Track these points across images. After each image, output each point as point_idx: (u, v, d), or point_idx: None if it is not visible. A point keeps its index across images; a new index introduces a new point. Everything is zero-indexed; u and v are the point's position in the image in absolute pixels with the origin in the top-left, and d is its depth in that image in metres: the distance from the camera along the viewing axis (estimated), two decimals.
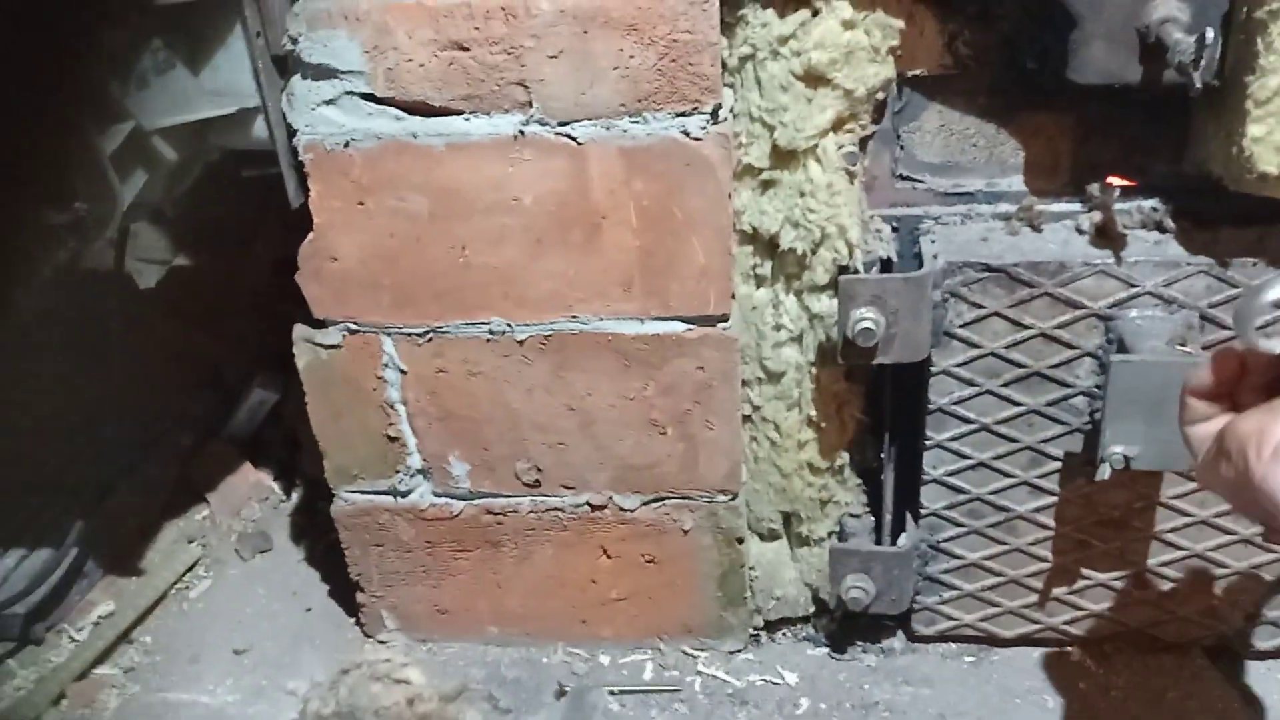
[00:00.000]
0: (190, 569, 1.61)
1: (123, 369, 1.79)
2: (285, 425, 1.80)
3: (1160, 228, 1.13)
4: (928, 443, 1.23)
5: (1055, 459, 1.21)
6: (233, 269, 2.02)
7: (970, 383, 1.18)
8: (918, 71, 1.13)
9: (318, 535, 1.64)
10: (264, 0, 1.04)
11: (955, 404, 1.20)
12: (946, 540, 1.29)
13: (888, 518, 1.32)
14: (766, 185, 1.15)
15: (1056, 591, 1.29)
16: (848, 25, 1.06)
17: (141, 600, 1.53)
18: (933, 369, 1.18)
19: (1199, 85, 0.92)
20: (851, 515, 1.35)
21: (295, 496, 1.74)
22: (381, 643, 1.43)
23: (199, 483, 1.74)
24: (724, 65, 1.09)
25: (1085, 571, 1.27)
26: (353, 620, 1.48)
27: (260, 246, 2.02)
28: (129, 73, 0.98)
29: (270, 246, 2.01)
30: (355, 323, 1.21)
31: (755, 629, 1.40)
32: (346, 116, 1.09)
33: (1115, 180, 1.13)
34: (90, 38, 0.92)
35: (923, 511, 1.27)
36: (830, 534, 1.36)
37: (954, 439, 1.22)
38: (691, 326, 1.17)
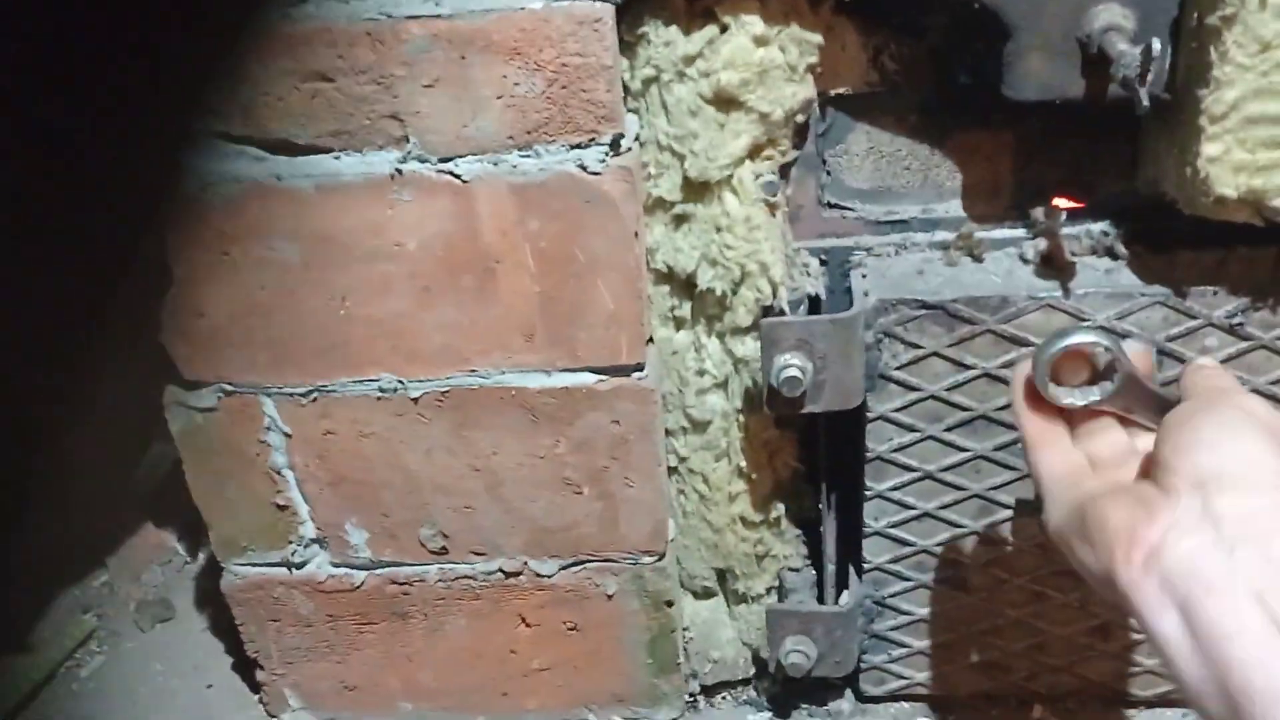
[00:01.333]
0: (82, 643, 1.48)
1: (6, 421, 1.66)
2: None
3: (1111, 254, 1.03)
4: (868, 493, 1.12)
5: (1006, 506, 1.11)
6: (126, 320, 1.89)
7: (910, 428, 1.08)
8: (841, 90, 1.03)
9: (223, 601, 1.51)
10: None
11: (895, 451, 1.09)
12: (893, 595, 1.18)
13: (831, 570, 1.21)
14: (680, 220, 1.04)
15: (1014, 646, 1.19)
16: (760, 42, 0.95)
17: (25, 682, 1.40)
18: (869, 415, 1.07)
19: (1145, 102, 0.82)
20: (791, 569, 1.24)
21: (201, 558, 1.61)
22: None
23: (97, 547, 1.61)
24: (626, 89, 0.98)
25: (1043, 625, 1.17)
26: (256, 698, 1.35)
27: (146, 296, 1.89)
28: None
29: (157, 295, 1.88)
30: (230, 383, 1.09)
31: (691, 695, 1.29)
32: (202, 158, 0.97)
33: (1061, 202, 1.03)
34: None
35: (866, 566, 1.17)
36: (769, 589, 1.25)
37: (895, 488, 1.11)
38: (603, 377, 1.06)
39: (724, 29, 0.95)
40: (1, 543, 1.50)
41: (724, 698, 1.31)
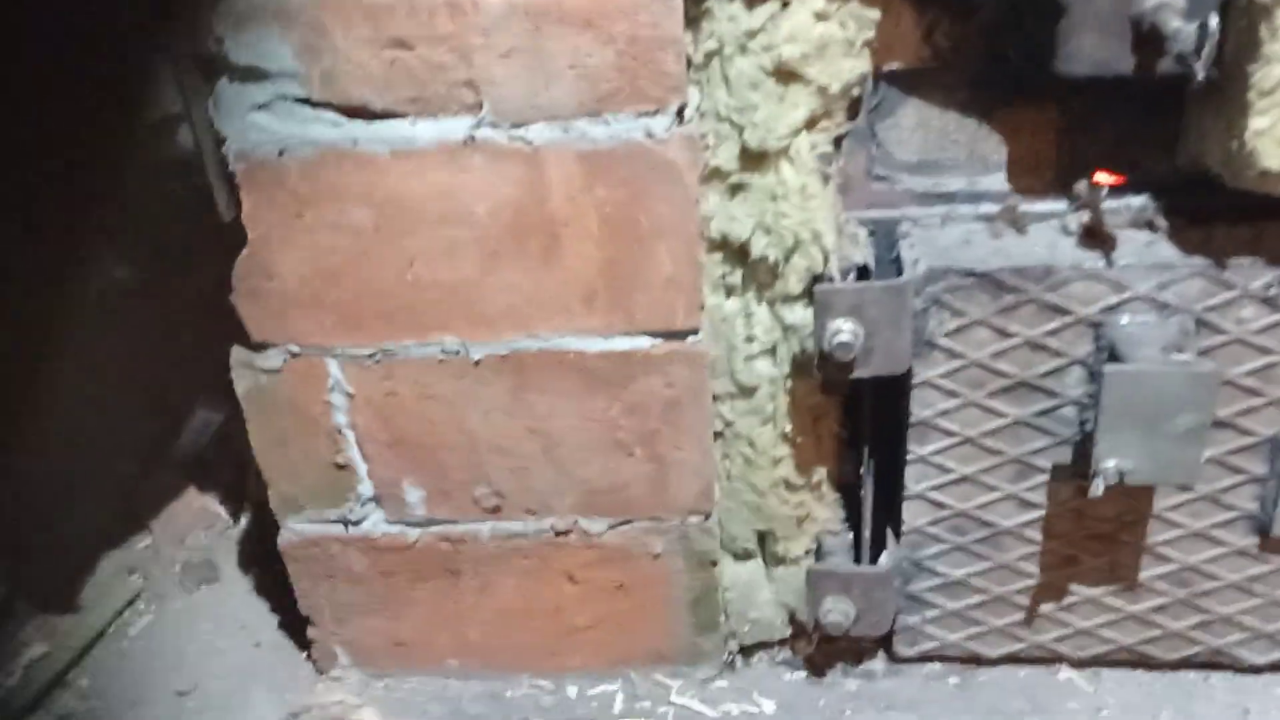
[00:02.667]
0: (130, 604, 1.51)
1: (54, 389, 1.69)
2: (233, 447, 1.70)
3: (1151, 227, 1.07)
4: (909, 457, 1.16)
5: (1043, 471, 1.15)
6: (174, 286, 1.92)
7: (954, 394, 1.12)
8: (894, 65, 1.06)
9: (267, 564, 1.55)
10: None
11: (938, 416, 1.13)
12: (929, 558, 1.22)
13: (867, 535, 1.25)
14: (736, 189, 1.08)
15: (1044, 608, 1.23)
16: (820, 17, 0.99)
17: (77, 640, 1.44)
18: (914, 381, 1.11)
19: (1201, 76, 0.86)
20: (830, 533, 1.28)
21: (244, 522, 1.65)
22: (335, 679, 1.34)
23: (141, 510, 1.64)
24: (689, 62, 1.01)
25: (1074, 587, 1.22)
26: (304, 655, 1.39)
27: (203, 262, 1.92)
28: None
29: (213, 262, 1.91)
30: (297, 345, 1.13)
31: (730, 654, 1.33)
32: (280, 122, 1.01)
33: (1103, 177, 1.07)
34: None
35: (904, 529, 1.21)
36: (807, 552, 1.29)
37: (937, 453, 1.15)
38: (658, 341, 1.10)
39: (786, 4, 0.99)
40: (46, 505, 1.54)
41: (761, 658, 1.35)
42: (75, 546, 1.57)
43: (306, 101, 1.00)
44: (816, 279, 1.09)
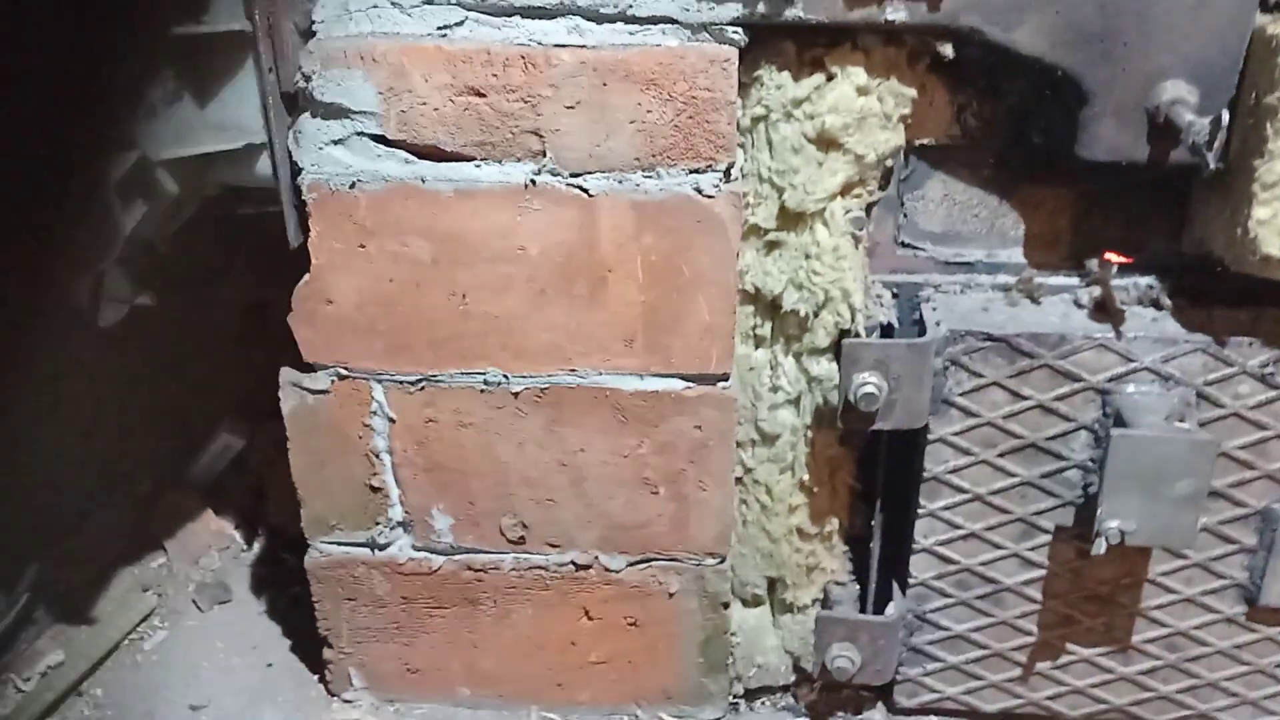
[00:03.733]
0: (145, 619, 1.54)
1: (81, 409, 1.73)
2: (250, 473, 1.75)
3: (1157, 304, 1.15)
4: (920, 511, 1.22)
5: (1046, 531, 1.21)
6: (199, 312, 1.97)
7: (966, 452, 1.18)
8: (926, 140, 1.14)
9: (280, 587, 1.59)
10: (278, 36, 1.03)
11: (950, 473, 1.19)
12: (933, 611, 1.27)
13: (874, 586, 1.30)
14: (772, 246, 1.15)
15: (1041, 666, 1.28)
16: (862, 91, 1.07)
17: (93, 651, 1.46)
18: (930, 437, 1.18)
19: (1213, 166, 0.94)
20: (837, 583, 1.33)
21: (257, 547, 1.69)
22: (347, 701, 1.37)
23: (157, 530, 1.68)
24: (737, 125, 1.09)
25: (1070, 647, 1.27)
26: (316, 678, 1.42)
27: (228, 290, 1.98)
28: (138, 102, 0.96)
29: (239, 291, 1.97)
30: (346, 368, 1.18)
31: (735, 697, 1.37)
32: (355, 157, 1.08)
33: (1113, 256, 1.14)
34: (104, 65, 0.89)
35: (911, 581, 1.26)
36: (815, 601, 1.34)
37: (946, 508, 1.21)
38: (691, 385, 1.16)
39: (830, 77, 1.07)
40: (66, 520, 1.57)
41: (764, 702, 1.39)
42: (93, 561, 1.60)
43: (382, 140, 1.07)
44: (844, 334, 1.15)
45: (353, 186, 1.08)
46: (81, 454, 1.66)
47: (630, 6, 1.03)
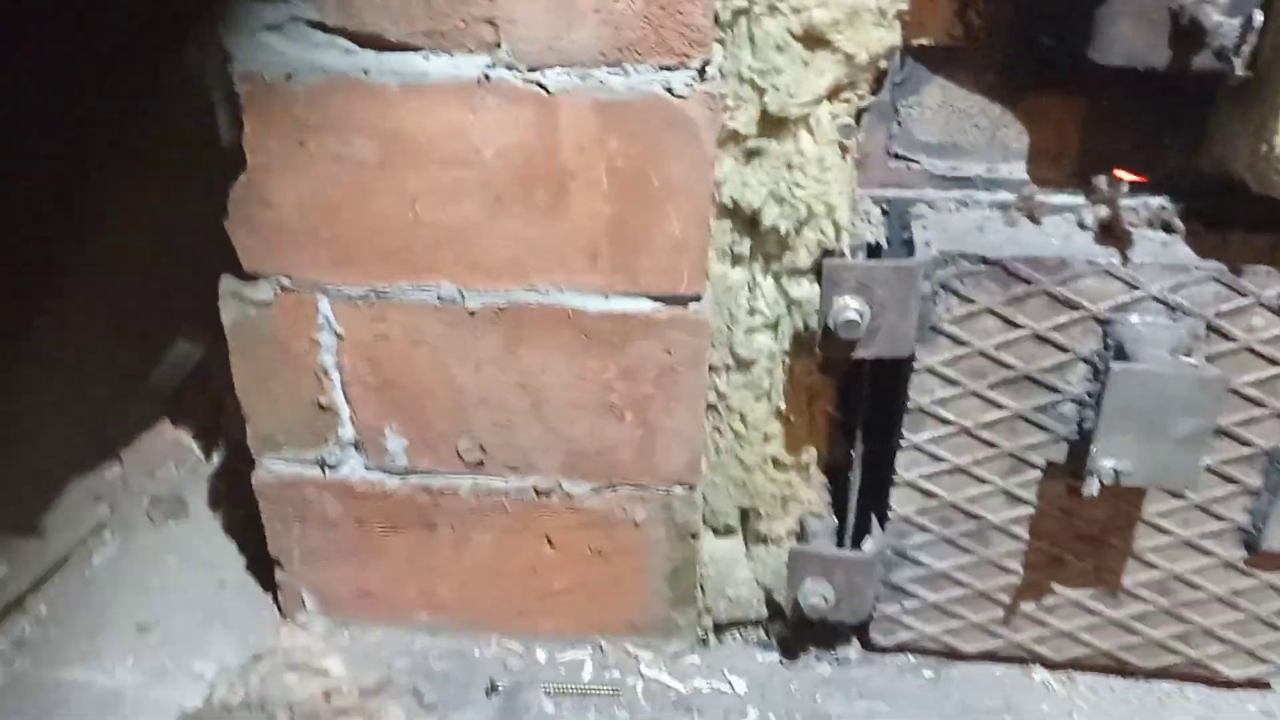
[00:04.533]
0: (95, 531, 1.48)
1: (30, 313, 1.65)
2: (210, 383, 1.67)
3: (1168, 228, 1.06)
4: (903, 443, 1.14)
5: (1036, 468, 1.14)
6: (161, 212, 1.88)
7: (954, 382, 1.10)
8: (924, 41, 1.04)
9: (237, 503, 1.52)
10: None
11: (935, 404, 1.11)
12: (913, 547, 1.21)
13: (851, 520, 1.24)
14: (751, 155, 1.05)
15: (1024, 607, 1.22)
16: None
17: (38, 565, 1.40)
18: (915, 366, 1.09)
19: (1240, 74, 0.84)
20: (814, 515, 1.27)
21: (216, 460, 1.62)
22: (299, 625, 1.32)
23: (113, 438, 1.61)
24: (715, 19, 0.99)
25: (1056, 588, 1.20)
26: (269, 598, 1.37)
27: (192, 187, 1.88)
28: None
29: (204, 188, 1.88)
30: (289, 278, 1.10)
31: (703, 630, 1.31)
32: (291, 45, 0.98)
33: (1123, 174, 1.05)
34: None
35: (890, 516, 1.19)
36: (790, 533, 1.27)
37: (931, 441, 1.14)
38: (660, 306, 1.08)
39: None
40: (15, 427, 1.50)
41: (734, 636, 1.33)
42: (43, 470, 1.54)
43: (320, 26, 0.97)
44: (826, 254, 1.06)
45: (289, 78, 0.99)
46: (33, 359, 1.59)
47: None
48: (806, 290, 1.10)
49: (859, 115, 1.05)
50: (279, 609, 1.34)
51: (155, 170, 1.74)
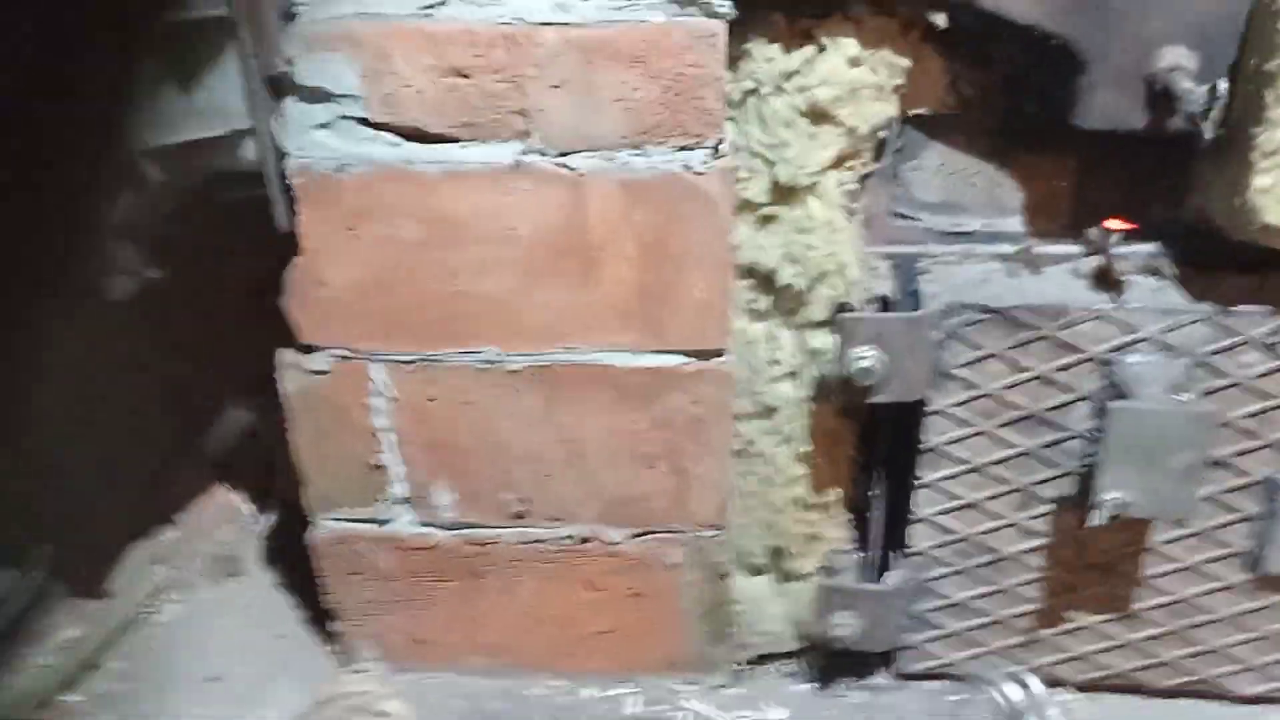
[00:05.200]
0: (159, 593, 1.56)
1: (89, 387, 1.75)
2: (260, 447, 1.76)
3: (1159, 273, 1.13)
4: (919, 482, 1.21)
5: (1046, 501, 1.20)
6: (205, 290, 1.98)
7: (965, 423, 1.17)
8: (920, 110, 1.12)
9: (291, 560, 1.60)
10: (259, 20, 1.02)
11: (949, 444, 1.19)
12: (934, 579, 1.28)
13: (875, 555, 1.31)
14: (765, 221, 1.14)
15: (1043, 633, 1.29)
16: (854, 63, 1.05)
17: (108, 625, 1.49)
18: (928, 409, 1.17)
19: (1210, 135, 0.92)
20: (839, 551, 1.34)
21: (269, 520, 1.70)
22: (358, 672, 1.39)
23: (168, 504, 1.69)
24: (727, 100, 1.07)
25: (1072, 614, 1.27)
26: (327, 649, 1.44)
27: (233, 268, 1.98)
28: (123, 92, 0.95)
29: (245, 269, 1.97)
30: (343, 349, 1.18)
31: (740, 664, 1.38)
32: (340, 140, 1.07)
33: (1114, 224, 1.13)
34: (87, 54, 0.89)
35: (911, 551, 1.26)
36: (817, 570, 1.34)
37: (946, 479, 1.21)
38: (688, 360, 1.16)
39: (822, 49, 1.06)
40: (76, 496, 1.59)
41: (769, 669, 1.40)
42: (105, 536, 1.62)
43: (366, 122, 1.06)
44: (840, 308, 1.14)
45: (339, 170, 1.08)
46: (92, 431, 1.68)
47: None
48: (823, 341, 1.17)
49: (863, 179, 1.14)
50: (337, 659, 1.42)
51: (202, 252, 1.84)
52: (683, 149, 1.05)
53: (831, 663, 1.37)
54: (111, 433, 1.67)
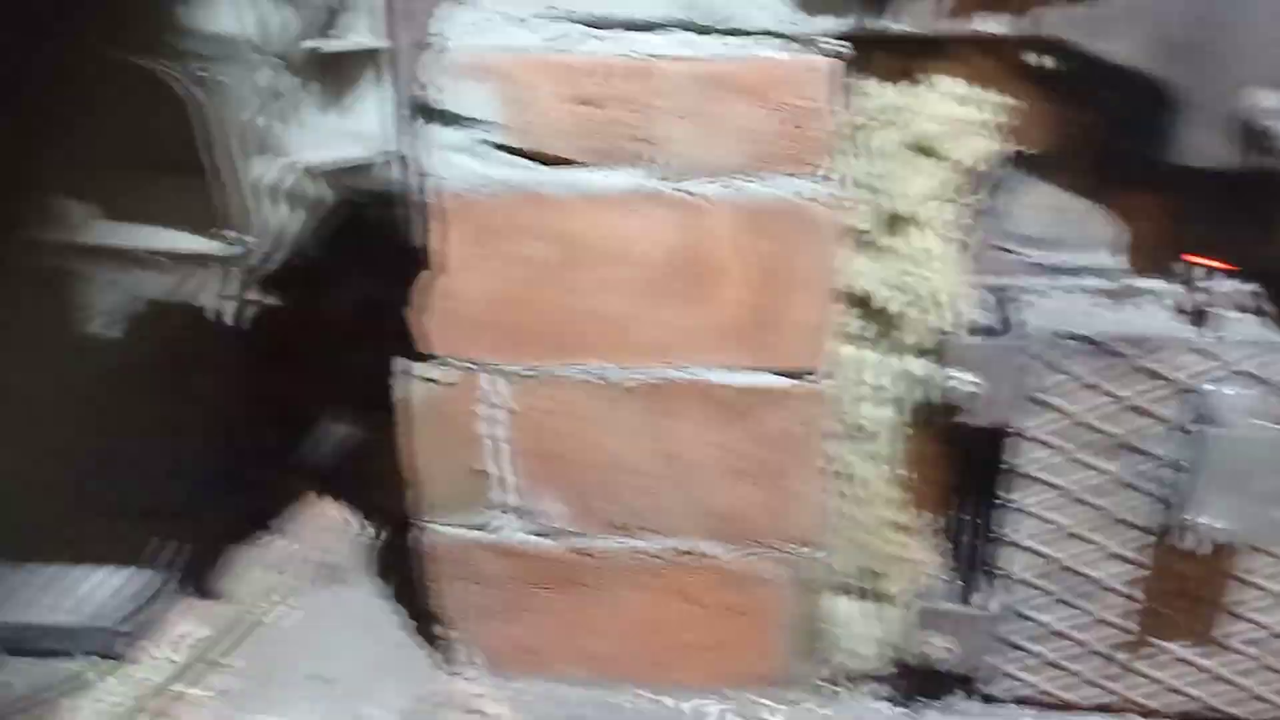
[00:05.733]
0: (271, 597, 1.64)
1: (204, 402, 1.85)
2: (365, 460, 1.84)
3: (1252, 309, 1.17)
4: (1010, 506, 1.25)
5: (1137, 528, 1.23)
6: (316, 310, 2.08)
7: (1057, 449, 1.21)
8: (1022, 147, 1.18)
9: (394, 570, 1.68)
10: (408, 50, 1.11)
11: (1040, 470, 1.23)
12: (1024, 604, 1.31)
13: (965, 579, 1.34)
14: (869, 248, 1.20)
15: (1133, 662, 1.31)
16: (960, 100, 1.12)
17: (225, 625, 1.57)
18: (1021, 434, 1.21)
19: None
20: (930, 574, 1.37)
21: (372, 531, 1.78)
22: (463, 677, 1.45)
23: (280, 514, 1.78)
24: (837, 132, 1.14)
25: (1162, 644, 1.29)
26: (429, 654, 1.51)
27: (343, 289, 2.09)
28: (289, 111, 1.05)
29: (351, 291, 2.08)
30: (463, 360, 1.26)
31: (828, 683, 1.41)
32: (478, 163, 1.15)
33: (1206, 261, 1.17)
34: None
35: (1001, 574, 1.29)
36: (906, 592, 1.38)
37: (1037, 504, 1.25)
38: (790, 381, 1.22)
39: (930, 87, 1.12)
40: (195, 500, 1.68)
41: (857, 690, 1.43)
42: (221, 543, 1.71)
43: (502, 147, 1.15)
44: (939, 334, 1.20)
45: (475, 191, 1.16)
46: (210, 444, 1.78)
47: (736, 21, 1.09)
48: (920, 367, 1.23)
49: (966, 212, 1.20)
50: (440, 663, 1.48)
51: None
52: (795, 177, 1.12)
53: (917, 685, 1.40)
54: (230, 445, 1.77)
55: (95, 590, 1.56)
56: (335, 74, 1.16)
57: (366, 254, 1.99)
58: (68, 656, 1.52)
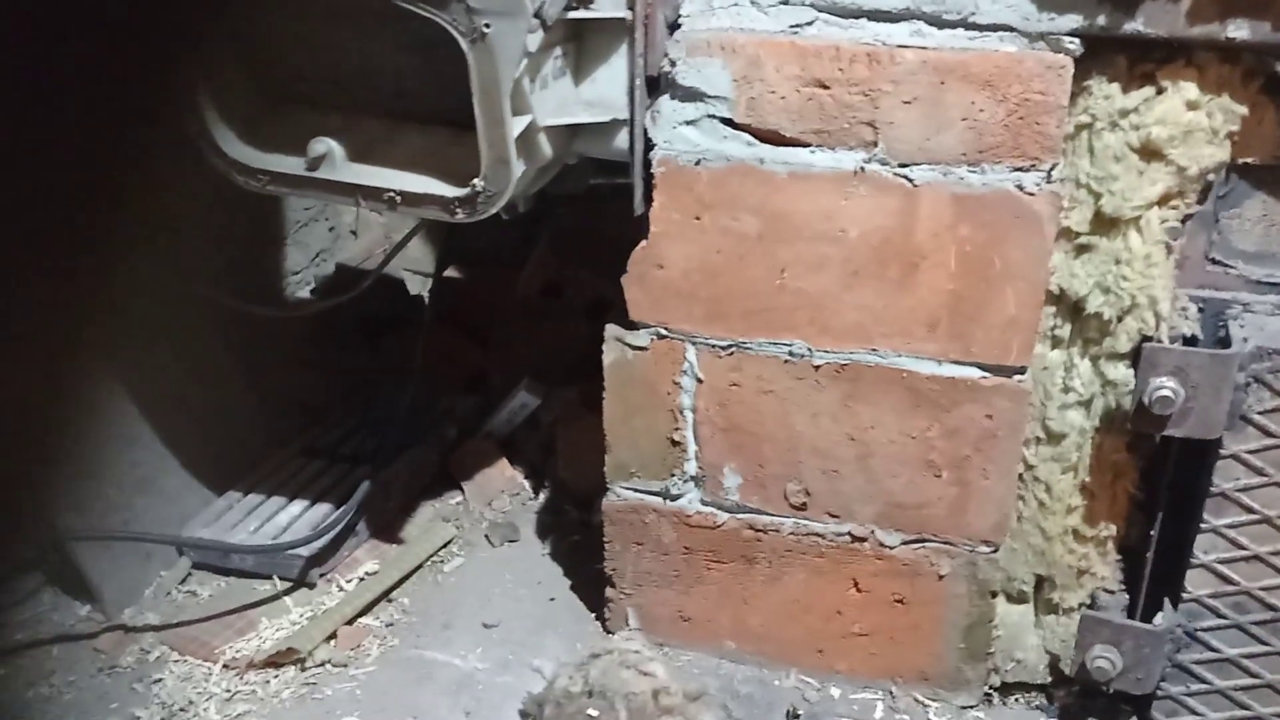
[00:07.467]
0: (445, 546, 1.72)
1: (397, 362, 1.96)
2: (542, 430, 1.91)
3: None
4: (1203, 526, 1.23)
5: None
6: (502, 287, 2.18)
7: (1260, 472, 1.19)
8: (1250, 159, 1.16)
9: (562, 534, 1.75)
10: (650, 25, 1.16)
11: (1240, 491, 1.20)
12: (1204, 630, 1.28)
13: (1143, 596, 1.32)
14: (1081, 250, 1.20)
15: None
16: (1191, 106, 1.11)
17: (403, 565, 1.65)
18: (1222, 452, 1.19)
19: None
20: (1105, 590, 1.36)
21: (543, 497, 1.84)
22: (623, 638, 1.49)
23: (458, 472, 1.87)
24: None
25: None
26: (593, 615, 1.56)
27: (530, 269, 2.18)
28: (536, 73, 1.11)
29: (539, 269, 2.17)
30: (666, 328, 1.31)
31: (990, 688, 1.41)
32: (703, 137, 1.20)
33: None
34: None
35: (1184, 596, 1.27)
36: (1080, 605, 1.36)
37: (1232, 526, 1.22)
38: (988, 375, 1.22)
39: (1160, 90, 1.12)
40: (384, 453, 1.77)
41: (1018, 699, 1.42)
42: (404, 492, 1.80)
43: (729, 122, 1.19)
44: (1145, 339, 1.19)
45: (697, 163, 1.21)
46: (404, 401, 1.87)
47: (972, 14, 1.11)
48: (1122, 373, 1.22)
49: (1184, 220, 1.19)
50: (603, 624, 1.53)
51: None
52: (1017, 170, 1.13)
53: (1081, 702, 1.39)
54: (418, 403, 1.86)
55: (292, 522, 1.67)
56: (579, 41, 1.22)
57: (552, 238, 2.09)
58: (263, 578, 1.63)
